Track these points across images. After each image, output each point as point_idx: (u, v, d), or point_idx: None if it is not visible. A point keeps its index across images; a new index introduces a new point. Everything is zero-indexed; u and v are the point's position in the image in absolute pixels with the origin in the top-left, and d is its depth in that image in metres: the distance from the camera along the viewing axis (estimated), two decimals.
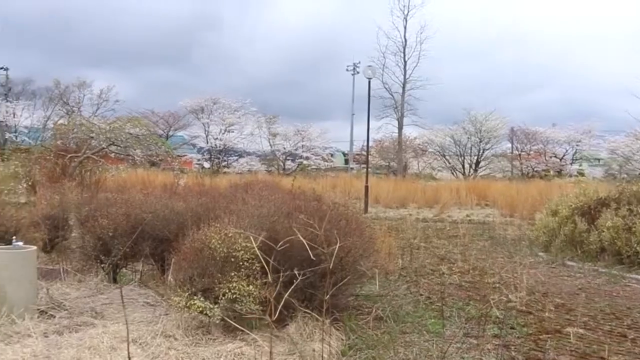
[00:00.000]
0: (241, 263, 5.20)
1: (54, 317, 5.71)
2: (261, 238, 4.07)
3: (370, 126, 26.57)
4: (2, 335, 5.01)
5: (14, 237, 6.12)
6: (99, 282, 7.26)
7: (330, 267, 3.88)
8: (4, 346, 4.73)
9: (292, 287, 3.76)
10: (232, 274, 5.16)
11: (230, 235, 5.26)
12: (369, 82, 25.20)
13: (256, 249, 3.67)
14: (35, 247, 6.07)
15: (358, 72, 60.57)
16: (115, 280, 7.43)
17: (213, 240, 5.22)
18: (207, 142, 51.64)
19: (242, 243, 5.25)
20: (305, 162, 51.66)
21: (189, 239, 5.54)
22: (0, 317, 5.32)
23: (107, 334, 4.98)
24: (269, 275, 3.81)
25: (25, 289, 5.61)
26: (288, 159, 52.92)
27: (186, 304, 5.10)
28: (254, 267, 5.19)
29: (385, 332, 5.82)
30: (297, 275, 3.96)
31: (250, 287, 5.12)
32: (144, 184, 23.40)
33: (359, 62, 59.88)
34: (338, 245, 4.10)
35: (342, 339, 5.54)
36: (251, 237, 4.34)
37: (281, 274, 4.49)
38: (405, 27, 48.78)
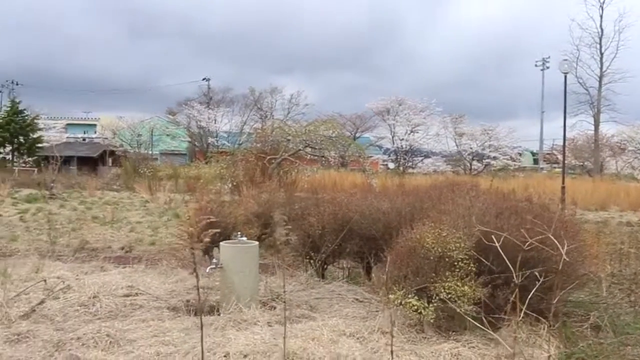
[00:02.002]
0: (455, 263, 5.18)
1: (275, 308, 6.09)
2: (505, 235, 4.01)
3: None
4: (234, 322, 5.44)
5: (238, 232, 6.61)
6: (309, 277, 7.62)
7: (559, 269, 3.73)
8: (236, 332, 5.12)
9: (532, 292, 3.67)
10: (447, 273, 5.16)
11: (444, 234, 5.26)
12: (565, 77, 23.80)
13: (499, 248, 3.63)
14: (257, 242, 6.51)
15: (548, 67, 57.86)
16: (323, 277, 7.74)
17: (427, 240, 5.24)
18: (393, 143, 52.02)
19: (456, 243, 5.23)
20: (492, 162, 50.19)
21: (402, 237, 5.62)
22: (230, 306, 5.80)
23: (326, 327, 5.21)
24: (513, 278, 3.72)
25: (250, 281, 6.04)
26: (474, 159, 51.71)
27: (401, 302, 5.17)
28: (469, 267, 5.16)
29: (606, 343, 5.48)
30: (539, 276, 3.86)
31: (465, 287, 5.08)
32: (335, 184, 24.14)
33: (549, 57, 57.19)
34: (566, 247, 3.93)
35: (559, 347, 5.31)
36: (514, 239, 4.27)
37: (518, 274, 4.35)
38: (601, 16, 45.79)
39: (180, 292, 6.88)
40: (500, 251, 3.82)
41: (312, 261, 7.77)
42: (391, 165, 52.93)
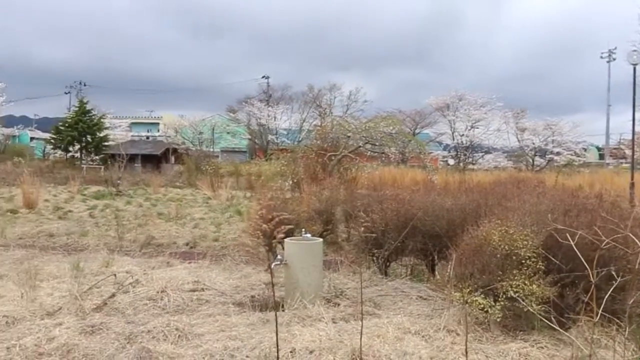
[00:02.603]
0: (523, 261, 5.08)
1: (339, 305, 6.11)
2: (580, 232, 3.92)
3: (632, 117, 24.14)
4: (298, 318, 5.49)
5: (303, 229, 6.66)
6: (372, 274, 7.60)
7: (636, 269, 3.60)
8: (301, 328, 5.16)
9: (609, 292, 3.56)
10: (514, 271, 5.07)
11: (511, 232, 5.17)
12: (634, 69, 22.94)
13: (573, 246, 3.54)
14: (321, 239, 6.54)
15: (614, 59, 55.98)
16: (386, 274, 7.71)
17: (494, 237, 5.16)
18: (453, 139, 51.38)
19: (523, 240, 5.14)
20: (556, 157, 48.92)
21: (467, 235, 5.55)
22: (295, 302, 5.85)
23: (391, 325, 5.19)
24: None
25: (314, 278, 6.08)
26: (537, 155, 50.52)
27: (467, 300, 5.11)
28: (537, 266, 5.05)
29: None
30: (615, 276, 3.74)
31: (533, 286, 4.98)
32: (395, 180, 23.96)
33: (615, 48, 55.30)
34: None
35: (634, 349, 5.13)
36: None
37: (593, 273, 4.24)
38: None
39: (244, 287, 6.98)
40: (576, 249, 3.72)
41: (374, 258, 7.76)
42: (451, 162, 52.30)
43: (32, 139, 67.45)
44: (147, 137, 62.81)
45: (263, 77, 63.01)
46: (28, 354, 4.53)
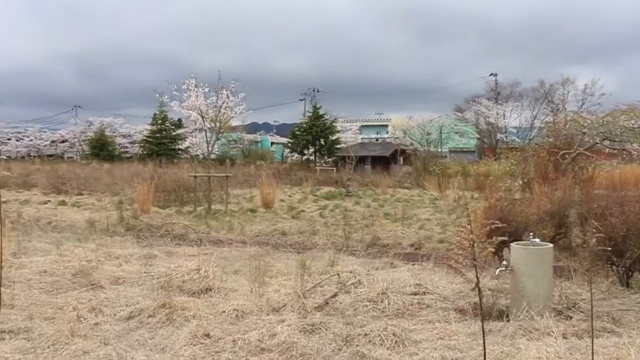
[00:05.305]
0: None
1: (571, 318, 5.57)
2: None
3: None
4: (524, 330, 5.09)
5: (531, 233, 6.20)
6: (610, 285, 6.87)
7: None
8: (526, 342, 4.77)
9: None
10: None
11: None
12: None
13: None
14: (551, 245, 6.03)
15: None
16: (627, 285, 6.91)
17: None
18: None
19: None
20: None
21: None
22: (520, 312, 5.44)
23: (634, 346, 4.57)
24: None
25: (542, 287, 5.61)
26: None
27: None
28: None
29: None
30: None
31: None
32: (638, 180, 21.72)
33: None
34: None
35: None
36: None
37: None
38: None
39: (467, 293, 6.66)
40: None
41: (614, 267, 6.99)
42: None
43: (272, 143, 72.78)
44: (376, 139, 64.24)
45: (491, 74, 61.18)
46: (251, 348, 4.73)
